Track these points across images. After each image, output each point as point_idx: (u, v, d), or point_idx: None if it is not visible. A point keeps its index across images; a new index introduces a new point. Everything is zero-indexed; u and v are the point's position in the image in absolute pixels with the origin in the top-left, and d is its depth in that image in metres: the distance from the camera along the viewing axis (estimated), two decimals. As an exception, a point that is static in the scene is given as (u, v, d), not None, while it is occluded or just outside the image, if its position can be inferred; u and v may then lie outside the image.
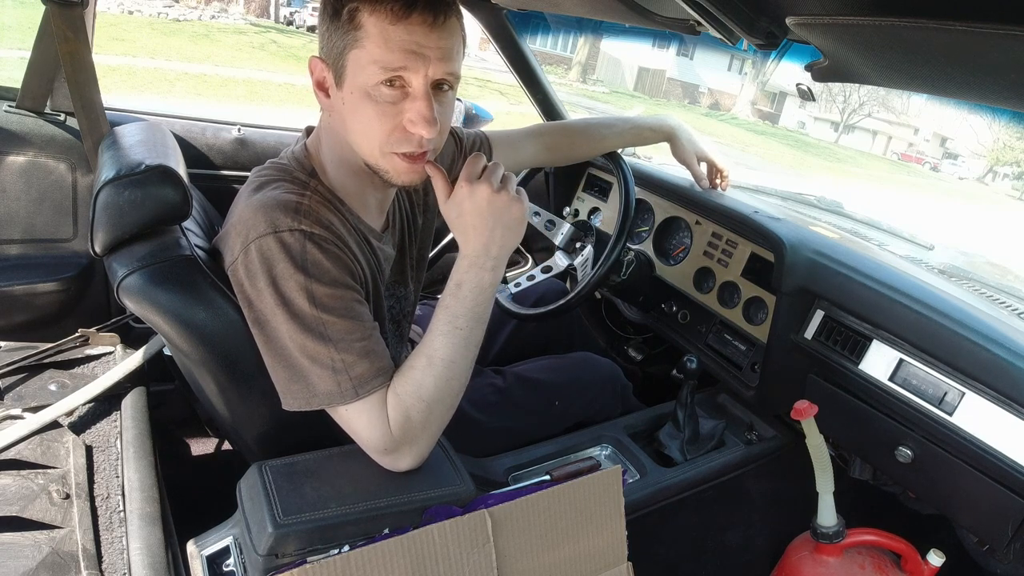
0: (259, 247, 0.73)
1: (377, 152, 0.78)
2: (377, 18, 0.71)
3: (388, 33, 0.71)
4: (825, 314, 1.14)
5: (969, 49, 0.55)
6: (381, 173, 0.80)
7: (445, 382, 0.77)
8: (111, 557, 0.73)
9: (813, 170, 11.82)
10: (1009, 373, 0.91)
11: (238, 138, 1.50)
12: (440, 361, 0.77)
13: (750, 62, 10.18)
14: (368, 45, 0.72)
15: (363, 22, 0.71)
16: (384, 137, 0.76)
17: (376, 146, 0.77)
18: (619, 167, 1.29)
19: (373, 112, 0.74)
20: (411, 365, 0.78)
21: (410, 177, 0.80)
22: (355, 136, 0.78)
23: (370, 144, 0.77)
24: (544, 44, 13.79)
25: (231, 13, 14.58)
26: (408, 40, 0.71)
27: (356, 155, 0.80)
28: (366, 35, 0.72)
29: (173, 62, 8.71)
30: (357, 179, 0.85)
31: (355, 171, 0.83)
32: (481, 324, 0.80)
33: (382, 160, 0.78)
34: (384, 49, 0.71)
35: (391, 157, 0.78)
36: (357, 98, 0.75)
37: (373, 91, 0.74)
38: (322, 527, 0.70)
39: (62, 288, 1.31)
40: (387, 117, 0.75)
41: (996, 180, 14.86)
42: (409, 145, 0.77)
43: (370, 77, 0.73)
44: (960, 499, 1.01)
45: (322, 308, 0.74)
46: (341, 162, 0.83)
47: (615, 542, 0.83)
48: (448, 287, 0.80)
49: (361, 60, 0.73)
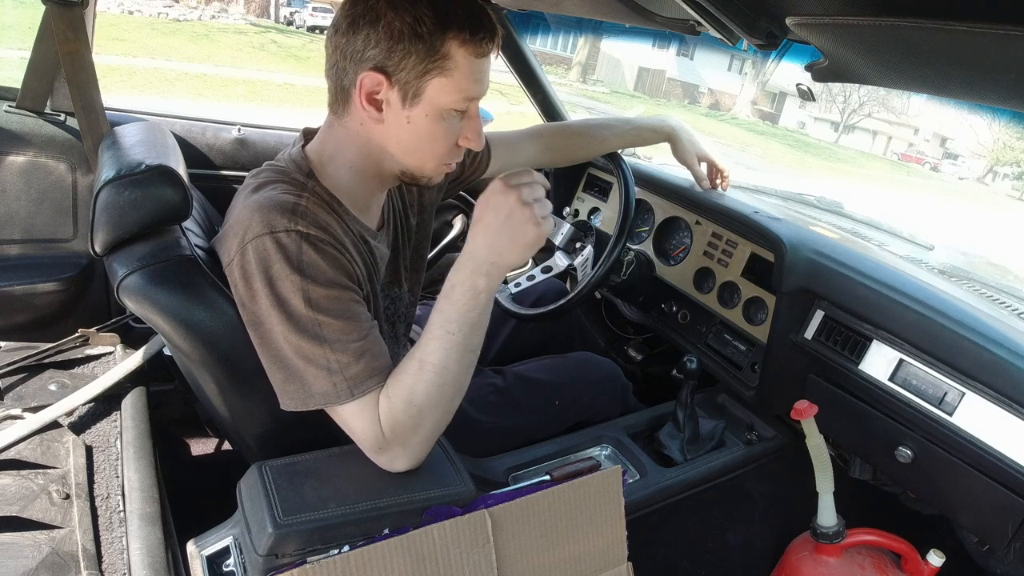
0: (255, 248, 0.73)
1: (434, 164, 0.85)
2: (467, 51, 0.77)
3: (475, 66, 0.78)
4: (825, 314, 1.14)
5: (969, 49, 0.55)
6: (422, 178, 0.87)
7: (436, 388, 0.76)
8: (111, 557, 0.73)
9: (813, 170, 11.82)
10: (1009, 373, 0.91)
11: (238, 138, 1.50)
12: (431, 366, 0.76)
13: (750, 62, 10.19)
14: (456, 75, 0.77)
15: (452, 53, 0.76)
16: (447, 152, 0.84)
17: (437, 159, 0.84)
18: (619, 167, 1.29)
19: (442, 131, 0.81)
20: (403, 368, 0.77)
21: (442, 177, 0.89)
22: (411, 151, 0.82)
23: (430, 158, 0.84)
24: (544, 44, 13.81)
25: (231, 13, 14.59)
26: (484, 72, 0.80)
27: (391, 164, 0.84)
28: (455, 66, 0.77)
29: (173, 62, 8.72)
30: (363, 182, 0.86)
31: (367, 176, 0.86)
32: (476, 331, 0.78)
33: (435, 170, 0.86)
34: (471, 80, 0.78)
35: (442, 167, 0.86)
36: (430, 120, 0.80)
37: (447, 114, 0.80)
38: (322, 527, 0.70)
39: (62, 288, 1.31)
40: (451, 135, 0.83)
41: (996, 180, 14.87)
42: (458, 156, 0.87)
43: (452, 103, 0.79)
44: (960, 499, 1.01)
45: (318, 309, 0.73)
46: (362, 168, 0.84)
47: (615, 542, 0.83)
48: (443, 288, 0.79)
49: (447, 88, 0.78)
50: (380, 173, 0.86)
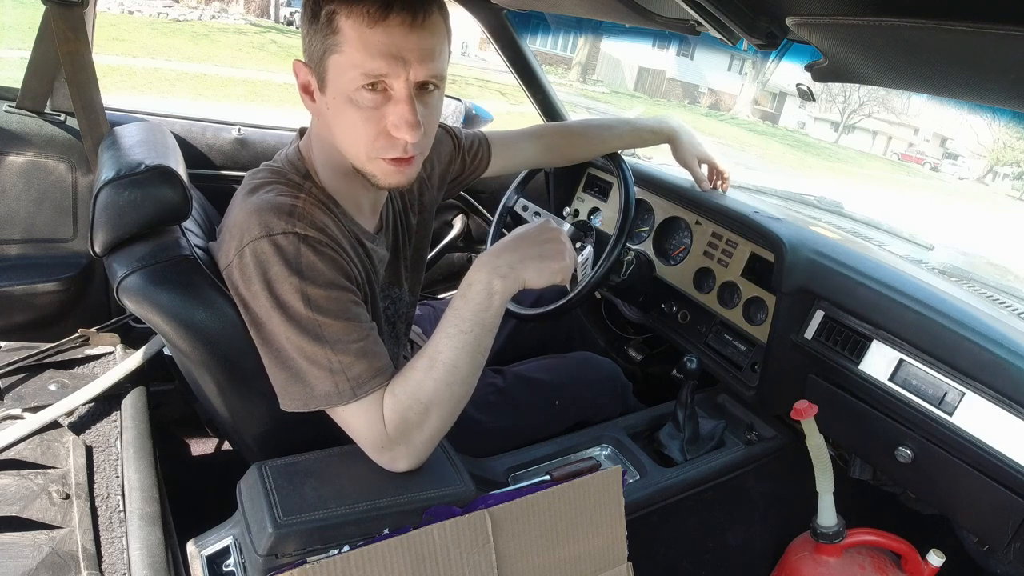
0: (253, 250, 0.73)
1: (364, 157, 0.77)
2: (354, 21, 0.69)
3: (366, 37, 0.70)
4: (825, 314, 1.14)
5: (969, 49, 0.55)
6: (369, 177, 0.80)
7: (445, 386, 0.76)
8: (111, 557, 0.73)
9: (813, 170, 11.82)
10: (1009, 373, 0.91)
11: (238, 138, 1.50)
12: (442, 364, 0.76)
13: (750, 62, 10.20)
14: (347, 50, 0.71)
15: (341, 26, 0.70)
16: (369, 142, 0.75)
17: (362, 151, 0.77)
18: (619, 167, 1.29)
19: (357, 118, 0.74)
20: (412, 366, 0.78)
21: (397, 180, 0.80)
22: (341, 141, 0.78)
23: (356, 149, 0.77)
24: (544, 44, 13.80)
25: (231, 13, 14.58)
26: (387, 43, 0.70)
27: (345, 158, 0.80)
28: (344, 39, 0.70)
29: (173, 62, 8.71)
30: (348, 181, 0.84)
31: (345, 173, 0.83)
32: (488, 332, 0.78)
33: (368, 164, 0.78)
34: (363, 54, 0.70)
35: (377, 162, 0.77)
36: (340, 103, 0.74)
37: (355, 96, 0.73)
38: (322, 527, 0.70)
39: (62, 288, 1.31)
40: (371, 122, 0.74)
41: (996, 180, 14.86)
42: (395, 150, 0.76)
43: (351, 83, 0.72)
44: (960, 499, 1.01)
45: (317, 310, 0.73)
46: (331, 165, 0.83)
47: (615, 542, 0.83)
48: (460, 288, 0.79)
49: (341, 65, 0.72)
50: (349, 170, 0.82)
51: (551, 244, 0.80)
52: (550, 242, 0.80)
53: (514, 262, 0.78)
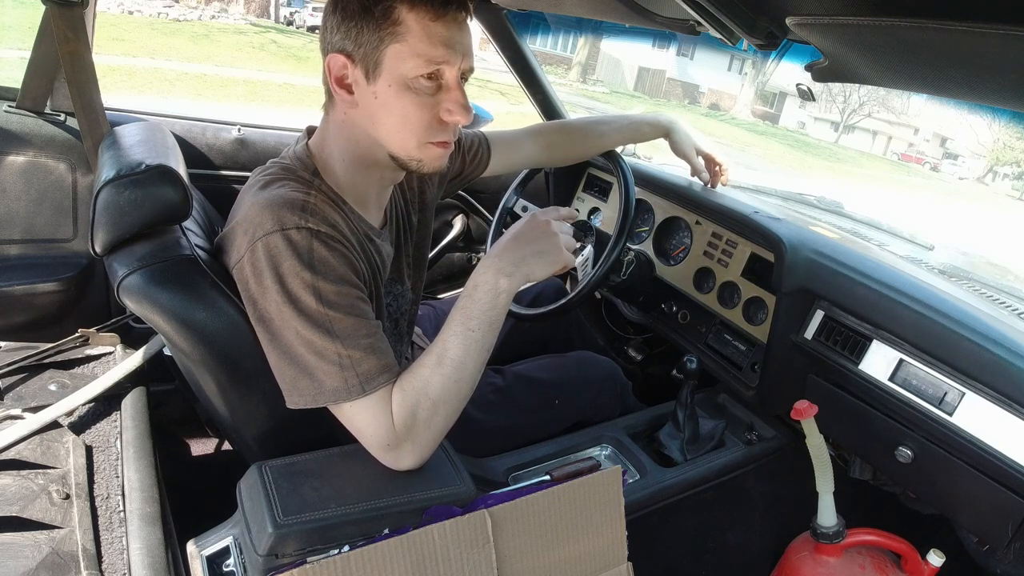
0: (265, 245, 0.74)
1: (415, 142, 0.81)
2: (418, 14, 0.75)
3: (430, 28, 0.75)
4: (825, 314, 1.14)
5: (969, 49, 0.55)
6: (412, 163, 0.83)
7: (453, 383, 0.78)
8: (111, 557, 0.73)
9: (813, 170, 11.82)
10: (1009, 373, 0.91)
11: (238, 138, 1.50)
12: (450, 361, 0.78)
13: (750, 62, 10.18)
14: (411, 39, 0.75)
15: (403, 17, 0.75)
16: (424, 127, 0.80)
17: (415, 136, 0.80)
18: (619, 167, 1.29)
19: (413, 103, 0.78)
20: (421, 363, 0.79)
21: (440, 163, 0.85)
22: (388, 129, 0.80)
23: (408, 134, 0.80)
24: (544, 44, 13.80)
25: (231, 13, 14.59)
26: (447, 36, 0.76)
27: (378, 150, 0.82)
28: (407, 30, 0.75)
29: (173, 62, 8.72)
30: (364, 176, 0.86)
31: (366, 167, 0.85)
32: (493, 329, 0.80)
33: (418, 150, 0.82)
34: (428, 43, 0.75)
35: (428, 147, 0.82)
36: (395, 91, 0.77)
37: (413, 83, 0.77)
38: (322, 527, 0.70)
39: (62, 288, 1.31)
40: (426, 108, 0.79)
41: (996, 180, 14.85)
42: (444, 134, 0.82)
43: (412, 69, 0.76)
44: (960, 499, 1.01)
45: (329, 305, 0.74)
46: (353, 159, 0.84)
47: (615, 542, 0.83)
48: (466, 288, 0.81)
49: (403, 54, 0.76)
50: (374, 163, 0.85)
51: (545, 239, 0.83)
52: (544, 237, 0.83)
53: (516, 260, 0.81)
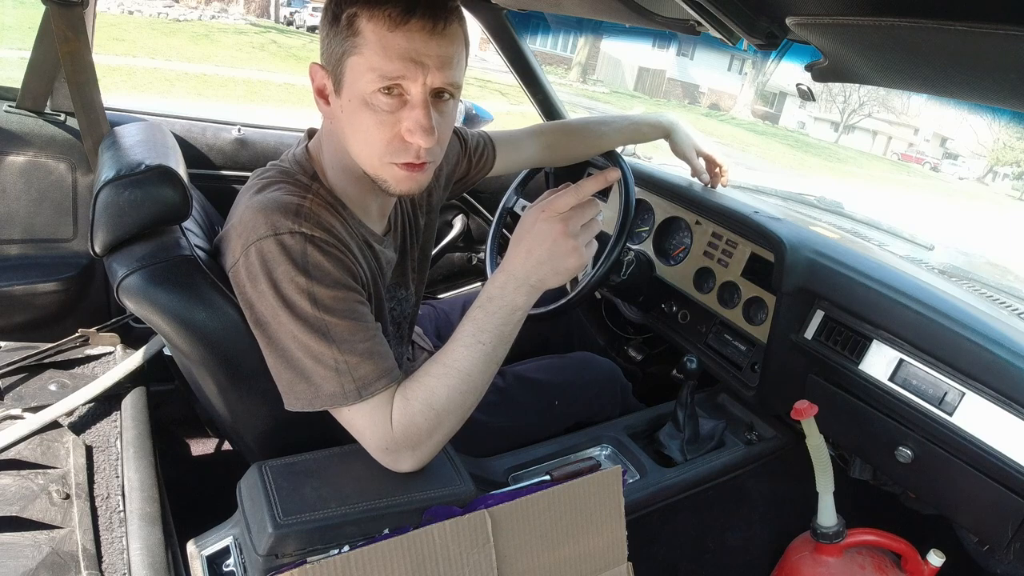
0: (259, 249, 0.73)
1: (376, 161, 0.77)
2: (375, 24, 0.70)
3: (386, 40, 0.70)
4: (825, 314, 1.14)
5: (969, 49, 0.55)
6: (380, 182, 0.79)
7: (459, 394, 0.76)
8: (111, 557, 0.73)
9: (813, 170, 11.82)
10: (1009, 373, 0.91)
11: (238, 138, 1.50)
12: (457, 372, 0.76)
13: (750, 62, 10.19)
14: (366, 52, 0.71)
15: (361, 28, 0.71)
16: (383, 146, 0.75)
17: (375, 155, 0.76)
18: (619, 167, 1.29)
19: (371, 121, 0.74)
20: (427, 371, 0.77)
21: (408, 186, 0.79)
22: (354, 145, 0.77)
23: (369, 153, 0.76)
24: (544, 44, 13.79)
25: (231, 13, 14.59)
26: (406, 47, 0.70)
27: (355, 163, 0.80)
28: (364, 42, 0.71)
29: (173, 62, 8.72)
30: (358, 185, 0.84)
31: (356, 177, 0.83)
32: (505, 344, 0.78)
33: (381, 169, 0.78)
34: (382, 56, 0.70)
35: (390, 167, 0.77)
36: (355, 106, 0.74)
37: (371, 99, 0.73)
38: (322, 527, 0.70)
39: (62, 288, 1.31)
40: (385, 126, 0.74)
41: (996, 180, 14.85)
42: (407, 155, 0.76)
43: (368, 85, 0.72)
44: (960, 499, 1.01)
45: (324, 310, 0.73)
46: (342, 168, 0.83)
47: (615, 542, 0.83)
48: (479, 299, 0.79)
49: (359, 67, 0.72)
50: (361, 174, 0.81)
51: (558, 250, 0.76)
52: (556, 246, 0.76)
53: (530, 278, 0.77)
